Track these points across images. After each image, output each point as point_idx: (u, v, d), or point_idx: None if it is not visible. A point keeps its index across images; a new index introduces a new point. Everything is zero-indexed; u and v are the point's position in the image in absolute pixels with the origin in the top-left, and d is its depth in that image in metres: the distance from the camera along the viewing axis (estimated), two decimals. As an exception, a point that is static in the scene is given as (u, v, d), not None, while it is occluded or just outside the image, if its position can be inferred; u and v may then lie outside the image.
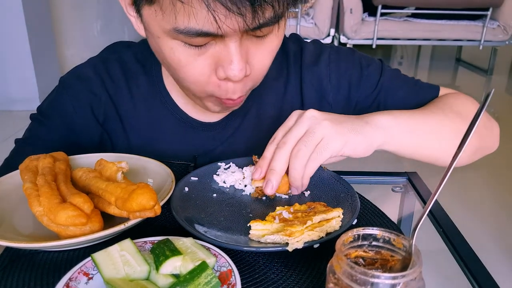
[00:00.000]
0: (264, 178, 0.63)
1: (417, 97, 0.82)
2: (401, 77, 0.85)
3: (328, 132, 0.61)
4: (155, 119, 0.83)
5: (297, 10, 3.84)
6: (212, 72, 0.62)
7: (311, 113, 0.63)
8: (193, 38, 0.56)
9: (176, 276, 0.46)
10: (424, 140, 0.71)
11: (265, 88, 0.81)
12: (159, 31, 0.58)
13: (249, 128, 0.84)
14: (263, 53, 0.63)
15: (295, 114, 0.65)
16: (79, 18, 3.98)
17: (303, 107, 0.85)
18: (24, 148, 0.79)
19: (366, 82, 0.83)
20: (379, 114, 0.68)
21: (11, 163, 0.75)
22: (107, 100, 0.81)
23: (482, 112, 0.45)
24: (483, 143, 0.78)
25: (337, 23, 4.11)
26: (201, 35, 0.55)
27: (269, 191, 0.61)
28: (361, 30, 4.05)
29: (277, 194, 0.66)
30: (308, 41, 0.88)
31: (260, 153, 0.66)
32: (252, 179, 0.65)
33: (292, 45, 0.86)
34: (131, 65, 0.82)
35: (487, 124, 0.79)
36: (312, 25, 4.01)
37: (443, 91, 0.84)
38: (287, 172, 0.62)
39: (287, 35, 0.87)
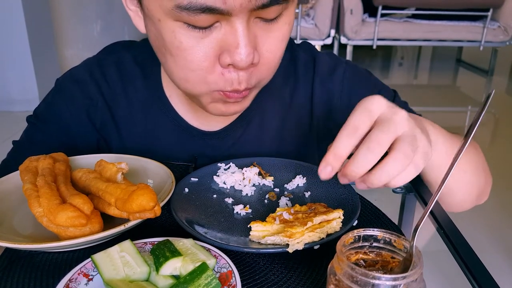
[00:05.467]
0: None
1: None
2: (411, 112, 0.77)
3: (424, 144, 0.47)
4: (152, 125, 0.80)
5: (297, 10, 3.84)
6: (216, 59, 0.57)
7: (401, 115, 0.46)
8: (197, 16, 0.52)
9: (176, 277, 0.46)
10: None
11: (269, 96, 0.78)
12: (160, 12, 0.54)
13: (251, 139, 0.81)
14: (273, 41, 0.59)
15: (376, 103, 0.47)
16: (79, 18, 3.98)
17: (312, 120, 0.81)
18: (20, 152, 0.77)
19: None
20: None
21: (9, 165, 0.75)
22: (103, 105, 0.79)
23: (483, 113, 0.45)
24: (486, 185, 0.75)
25: (338, 24, 4.11)
26: (206, 11, 0.51)
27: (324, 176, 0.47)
28: (362, 31, 4.06)
29: (277, 197, 0.66)
30: (320, 51, 0.83)
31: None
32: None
33: (303, 54, 0.81)
34: (129, 68, 0.79)
35: (487, 172, 0.75)
36: (313, 26, 4.01)
37: None
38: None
39: (298, 42, 0.83)
